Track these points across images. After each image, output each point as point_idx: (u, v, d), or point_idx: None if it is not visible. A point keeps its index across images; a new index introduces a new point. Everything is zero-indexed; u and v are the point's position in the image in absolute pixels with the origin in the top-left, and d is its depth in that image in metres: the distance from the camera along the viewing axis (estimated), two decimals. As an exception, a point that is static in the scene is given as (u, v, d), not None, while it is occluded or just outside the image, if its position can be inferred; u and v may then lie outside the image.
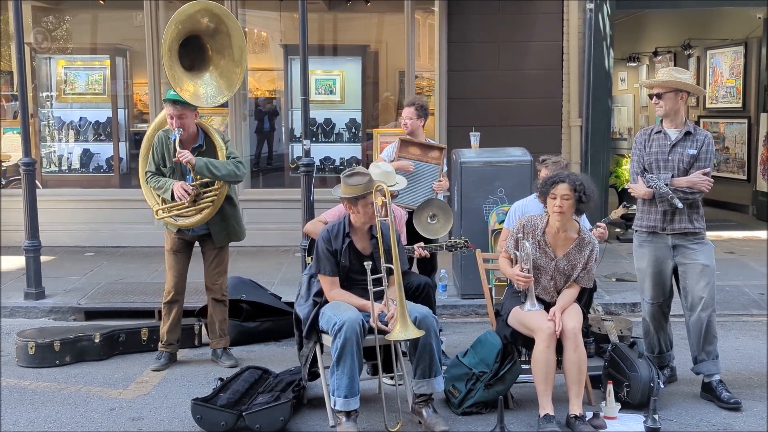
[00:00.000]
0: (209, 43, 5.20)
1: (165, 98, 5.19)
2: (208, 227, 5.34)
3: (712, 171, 4.77)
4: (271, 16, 10.22)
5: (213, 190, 5.22)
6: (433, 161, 5.92)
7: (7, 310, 6.62)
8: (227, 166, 5.18)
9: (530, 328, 4.45)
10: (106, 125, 9.44)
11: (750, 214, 11.11)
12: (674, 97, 4.74)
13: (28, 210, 6.77)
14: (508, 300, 4.72)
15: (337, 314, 4.28)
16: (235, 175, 5.22)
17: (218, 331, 5.52)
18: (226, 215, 5.38)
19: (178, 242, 5.42)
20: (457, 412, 4.58)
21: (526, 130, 8.56)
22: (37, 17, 9.70)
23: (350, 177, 4.43)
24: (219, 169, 5.14)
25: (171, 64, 4.99)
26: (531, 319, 4.46)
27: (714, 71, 12.01)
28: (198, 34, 5.13)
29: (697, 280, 4.73)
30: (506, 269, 4.66)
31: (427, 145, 6.00)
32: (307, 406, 4.71)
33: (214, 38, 5.18)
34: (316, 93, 9.34)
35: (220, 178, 5.18)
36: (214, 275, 5.48)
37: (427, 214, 5.59)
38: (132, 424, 4.52)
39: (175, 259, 5.43)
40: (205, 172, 5.11)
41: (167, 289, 5.46)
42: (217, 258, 5.48)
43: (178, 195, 5.14)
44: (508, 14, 8.90)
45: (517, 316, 4.55)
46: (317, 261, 4.50)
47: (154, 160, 5.30)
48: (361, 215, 4.44)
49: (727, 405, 4.62)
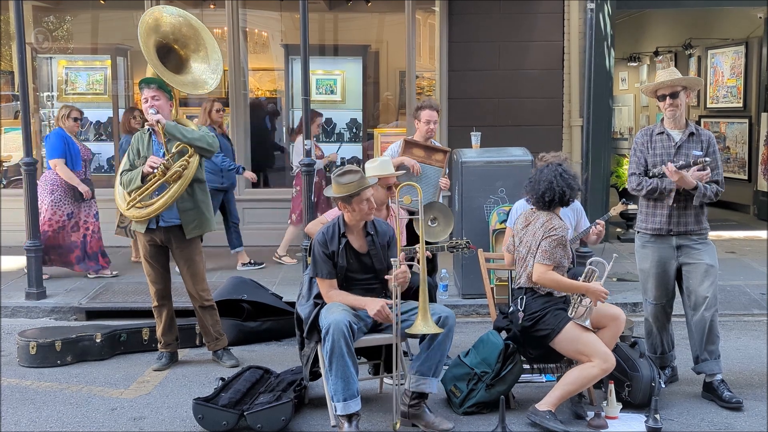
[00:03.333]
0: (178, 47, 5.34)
1: (139, 82, 5.24)
2: (179, 216, 5.20)
3: (723, 172, 4.83)
4: (271, 16, 10.23)
5: (183, 160, 5.08)
6: (436, 164, 5.90)
7: (8, 310, 6.62)
8: (198, 132, 5.15)
9: (589, 353, 4.26)
10: (106, 125, 9.45)
11: (751, 214, 11.12)
12: (683, 94, 4.77)
13: (29, 210, 6.78)
14: (552, 311, 4.38)
15: (327, 317, 4.26)
16: (205, 141, 5.14)
17: (213, 334, 5.47)
18: (198, 201, 5.25)
19: (150, 248, 5.28)
20: (459, 412, 4.57)
21: (527, 130, 8.56)
22: (38, 17, 9.71)
23: (342, 176, 4.41)
24: (190, 132, 5.09)
25: (162, 72, 5.16)
26: (597, 344, 4.27)
27: (715, 71, 12.02)
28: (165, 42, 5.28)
29: (701, 280, 4.73)
30: (579, 284, 4.36)
31: (432, 147, 5.97)
32: (309, 405, 4.71)
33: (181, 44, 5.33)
34: (317, 93, 9.35)
35: (190, 142, 5.08)
36: (190, 280, 5.34)
37: (428, 218, 5.58)
38: (133, 423, 4.52)
39: (149, 266, 5.34)
40: (175, 132, 5.05)
41: (151, 296, 5.42)
42: (189, 261, 5.31)
43: (147, 169, 5.04)
44: (509, 14, 8.91)
45: (573, 336, 4.29)
46: (314, 264, 4.48)
47: (129, 158, 5.24)
48: (356, 213, 4.42)
49: (728, 404, 4.62)
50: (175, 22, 5.26)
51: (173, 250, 5.33)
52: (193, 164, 5.12)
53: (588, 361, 4.27)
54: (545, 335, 4.36)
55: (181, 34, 5.29)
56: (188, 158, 5.10)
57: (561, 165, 4.56)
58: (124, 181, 5.20)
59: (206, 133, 5.23)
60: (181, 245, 5.28)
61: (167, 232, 5.24)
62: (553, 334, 4.33)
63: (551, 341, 4.35)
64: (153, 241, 5.28)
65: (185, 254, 5.31)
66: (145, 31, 5.12)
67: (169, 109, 5.24)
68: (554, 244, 4.35)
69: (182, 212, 5.20)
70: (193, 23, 5.33)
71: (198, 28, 5.33)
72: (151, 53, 5.12)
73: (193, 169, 5.12)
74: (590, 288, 4.31)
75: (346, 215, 4.46)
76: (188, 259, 5.32)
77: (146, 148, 5.20)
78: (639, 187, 4.80)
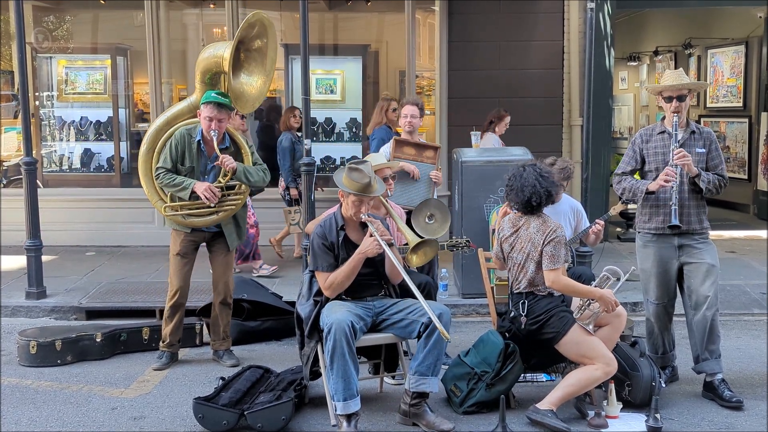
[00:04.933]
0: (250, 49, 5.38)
1: (208, 100, 5.11)
2: (220, 226, 5.35)
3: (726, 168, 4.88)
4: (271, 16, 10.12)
5: (238, 194, 5.28)
6: (428, 161, 5.95)
7: (8, 309, 6.62)
8: (259, 173, 5.29)
9: (593, 357, 4.28)
10: (107, 125, 9.44)
11: (751, 214, 11.12)
12: (689, 96, 4.82)
13: (29, 209, 6.77)
14: (558, 313, 4.38)
15: (329, 316, 4.27)
16: (263, 181, 5.35)
17: (222, 334, 5.51)
18: (238, 216, 5.43)
19: (188, 244, 5.37)
20: (459, 411, 4.57)
21: (527, 130, 8.55)
22: (38, 17, 9.70)
23: (352, 171, 4.42)
24: (253, 176, 5.24)
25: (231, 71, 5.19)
26: (601, 348, 4.31)
27: (715, 70, 12.02)
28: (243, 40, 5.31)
29: (702, 279, 4.73)
30: (593, 290, 4.37)
31: (422, 144, 6.04)
32: (309, 405, 4.71)
33: (253, 46, 5.37)
34: (316, 92, 9.34)
35: (251, 185, 5.28)
36: (222, 275, 5.46)
37: (425, 214, 5.58)
38: (133, 423, 4.52)
39: (182, 262, 5.38)
40: (243, 177, 5.19)
41: (172, 293, 5.40)
42: (227, 258, 5.48)
43: (205, 196, 5.12)
44: (509, 14, 8.91)
45: (578, 338, 4.31)
46: (313, 258, 4.50)
47: (172, 157, 5.22)
48: (349, 207, 4.47)
49: (729, 404, 4.62)
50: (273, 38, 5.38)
51: (211, 249, 5.48)
52: (245, 196, 5.35)
53: (591, 363, 4.28)
54: (551, 338, 4.37)
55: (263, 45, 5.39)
56: (242, 193, 5.30)
57: (535, 165, 4.60)
58: (166, 182, 5.21)
59: (264, 170, 5.33)
60: (222, 248, 5.45)
61: (211, 236, 5.42)
62: (559, 337, 4.33)
63: (556, 343, 4.35)
64: (195, 240, 5.40)
65: (224, 253, 5.46)
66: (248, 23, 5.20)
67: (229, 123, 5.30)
68: (558, 246, 4.37)
69: (225, 226, 5.37)
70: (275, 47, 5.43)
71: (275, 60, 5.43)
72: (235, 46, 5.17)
73: (244, 200, 5.35)
74: (604, 295, 4.33)
75: (343, 205, 4.51)
76: (227, 255, 5.48)
77: (195, 159, 5.23)
78: (618, 187, 4.91)
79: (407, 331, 4.40)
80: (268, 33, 5.36)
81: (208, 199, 5.13)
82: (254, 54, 5.42)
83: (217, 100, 5.08)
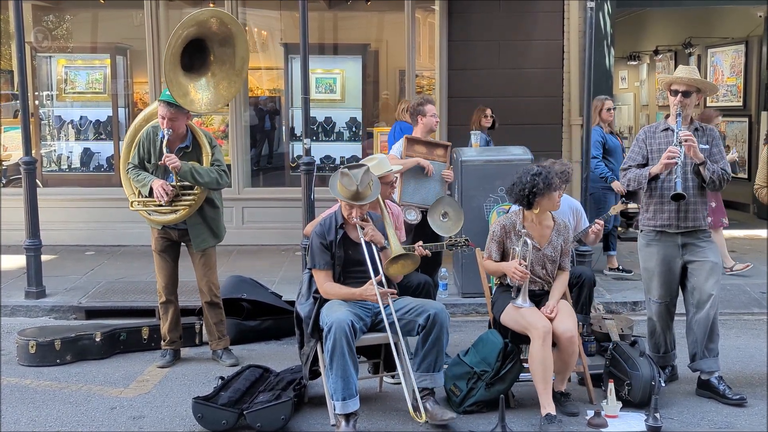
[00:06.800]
0: (213, 49, 5.25)
1: (159, 98, 5.21)
2: (188, 228, 5.31)
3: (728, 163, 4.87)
4: (271, 15, 10.21)
5: (192, 194, 5.19)
6: (439, 159, 5.93)
7: (7, 309, 6.62)
8: (210, 174, 5.19)
9: (525, 326, 4.45)
10: (106, 124, 9.44)
11: (751, 213, 11.11)
12: (695, 95, 4.79)
13: (28, 209, 6.77)
14: (500, 298, 4.70)
15: (329, 315, 4.28)
16: (217, 183, 5.24)
17: (216, 333, 5.51)
18: (206, 217, 5.35)
19: (163, 242, 5.38)
20: (458, 410, 4.56)
21: (527, 129, 8.55)
22: (37, 16, 9.69)
23: (343, 177, 4.44)
24: (202, 176, 5.16)
25: (172, 67, 5.05)
26: (526, 316, 4.46)
27: (715, 70, 12.01)
28: (203, 38, 5.19)
29: (706, 277, 4.73)
30: (500, 264, 4.63)
31: (433, 142, 6.02)
32: (308, 404, 4.71)
33: (219, 46, 5.24)
34: (316, 92, 9.33)
35: (202, 185, 5.19)
36: (203, 276, 5.42)
37: (440, 212, 5.61)
38: (133, 422, 4.52)
39: (161, 259, 5.41)
40: (189, 177, 5.13)
41: (159, 291, 5.46)
42: (205, 259, 5.42)
43: (157, 193, 5.14)
44: (509, 13, 8.91)
45: (512, 314, 4.54)
46: (311, 256, 4.54)
47: (139, 154, 5.29)
48: (344, 209, 4.51)
49: (731, 401, 4.62)
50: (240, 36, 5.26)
51: (188, 249, 5.45)
52: (201, 198, 5.24)
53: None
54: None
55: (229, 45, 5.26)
56: (196, 195, 5.21)
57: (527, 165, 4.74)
58: (133, 178, 5.29)
59: (218, 172, 5.24)
60: (195, 248, 5.41)
61: (180, 235, 5.38)
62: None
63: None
64: (168, 237, 5.38)
65: (198, 254, 5.41)
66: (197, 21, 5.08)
67: (185, 123, 5.24)
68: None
69: (190, 226, 5.32)
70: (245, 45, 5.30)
71: (246, 59, 5.34)
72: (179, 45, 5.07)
73: (200, 201, 5.25)
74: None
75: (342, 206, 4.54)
76: (202, 255, 5.42)
77: (157, 155, 5.22)
78: (623, 180, 4.91)
79: (406, 330, 4.42)
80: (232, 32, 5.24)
81: (159, 197, 5.12)
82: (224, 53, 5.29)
83: (165, 98, 5.11)
